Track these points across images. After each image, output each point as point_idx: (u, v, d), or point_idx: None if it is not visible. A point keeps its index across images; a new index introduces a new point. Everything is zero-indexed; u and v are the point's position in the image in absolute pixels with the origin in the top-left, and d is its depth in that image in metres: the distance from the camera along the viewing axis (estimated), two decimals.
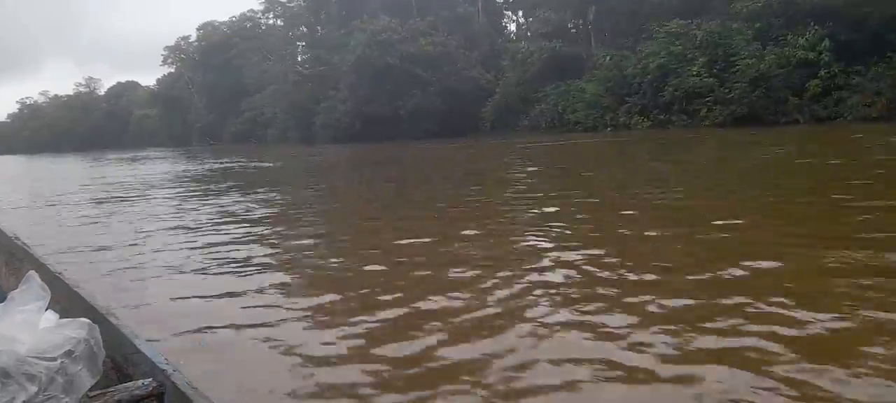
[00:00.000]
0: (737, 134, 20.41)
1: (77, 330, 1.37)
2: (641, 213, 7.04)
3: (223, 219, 8.29)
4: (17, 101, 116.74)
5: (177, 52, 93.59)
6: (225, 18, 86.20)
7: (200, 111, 77.81)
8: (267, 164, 21.37)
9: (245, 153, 34.44)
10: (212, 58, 73.82)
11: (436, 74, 38.60)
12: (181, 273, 5.19)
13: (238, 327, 3.58)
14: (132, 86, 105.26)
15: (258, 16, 75.13)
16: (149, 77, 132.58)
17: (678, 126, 26.84)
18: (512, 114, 37.17)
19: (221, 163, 23.55)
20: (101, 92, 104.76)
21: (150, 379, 1.41)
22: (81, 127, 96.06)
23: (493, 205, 8.61)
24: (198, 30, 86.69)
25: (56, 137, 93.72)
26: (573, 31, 35.00)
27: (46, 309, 1.44)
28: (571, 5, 34.18)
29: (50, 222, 9.31)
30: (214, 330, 3.55)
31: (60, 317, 1.47)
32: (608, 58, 31.76)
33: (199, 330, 3.53)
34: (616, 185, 10.22)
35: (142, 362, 1.49)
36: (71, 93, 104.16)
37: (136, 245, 6.72)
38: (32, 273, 1.53)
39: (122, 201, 11.61)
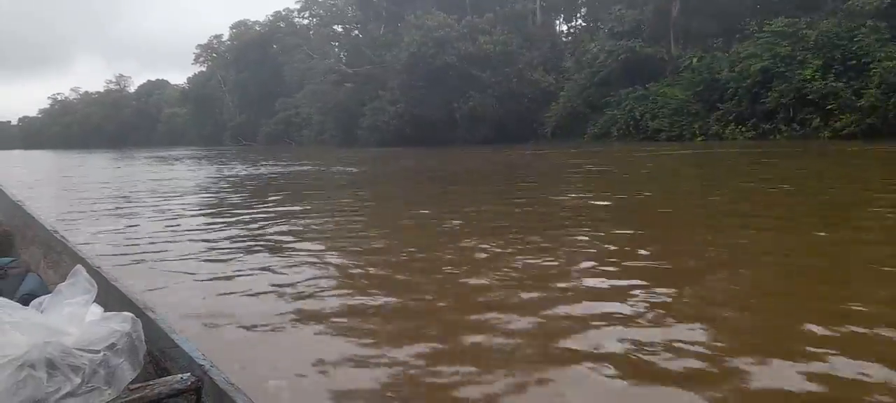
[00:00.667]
0: (871, 148, 17.24)
1: (121, 323, 1.39)
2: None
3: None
4: (48, 97, 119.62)
5: (209, 51, 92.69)
6: (259, 17, 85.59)
7: (232, 111, 76.20)
8: (351, 169, 18.67)
9: (296, 155, 32.02)
10: (245, 56, 72.26)
11: (495, 76, 35.91)
12: None
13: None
14: (162, 84, 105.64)
15: (294, 14, 73.37)
16: (178, 75, 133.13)
17: (786, 137, 23.75)
18: (577, 121, 34.30)
19: (286, 167, 21.01)
20: (132, 89, 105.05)
21: (189, 374, 1.43)
22: (111, 124, 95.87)
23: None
24: (231, 28, 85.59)
25: (86, 133, 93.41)
26: (646, 30, 31.97)
27: (92, 303, 1.43)
28: (652, 1, 31.20)
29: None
30: None
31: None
32: (696, 59, 28.77)
33: None
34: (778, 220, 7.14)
35: (180, 357, 1.51)
36: (101, 89, 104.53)
37: None
38: (80, 267, 1.52)
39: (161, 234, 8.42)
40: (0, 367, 1.20)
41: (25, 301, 1.50)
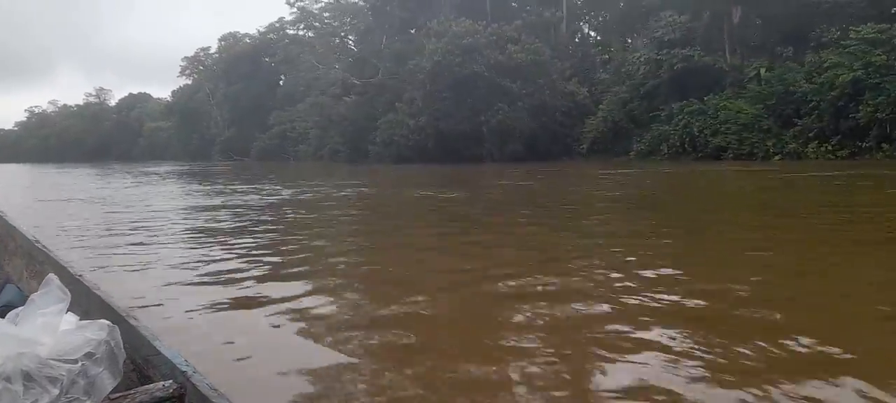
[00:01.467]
0: None
1: (97, 331, 1.37)
2: None
3: None
4: (25, 109, 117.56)
5: (195, 64, 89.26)
6: (247, 30, 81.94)
7: (221, 125, 72.20)
8: (451, 194, 15.01)
9: (299, 173, 28.32)
10: (236, 69, 68.69)
11: (526, 87, 32.75)
12: None
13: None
14: (144, 97, 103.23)
15: (287, 27, 69.90)
16: (160, 89, 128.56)
17: (888, 155, 20.84)
18: (618, 137, 31.24)
19: (291, 190, 17.31)
20: (112, 102, 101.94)
21: (171, 381, 1.40)
22: (91, 137, 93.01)
23: None
24: (220, 40, 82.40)
25: (64, 146, 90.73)
26: (699, 38, 29.11)
27: (66, 311, 1.42)
28: (708, 6, 28.34)
29: None
30: None
31: (81, 319, 1.47)
32: (763, 70, 25.91)
33: None
34: None
35: (162, 364, 1.47)
36: (81, 102, 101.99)
37: None
38: (52, 275, 1.52)
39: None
40: None
41: (3, 312, 1.47)
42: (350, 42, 57.27)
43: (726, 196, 12.56)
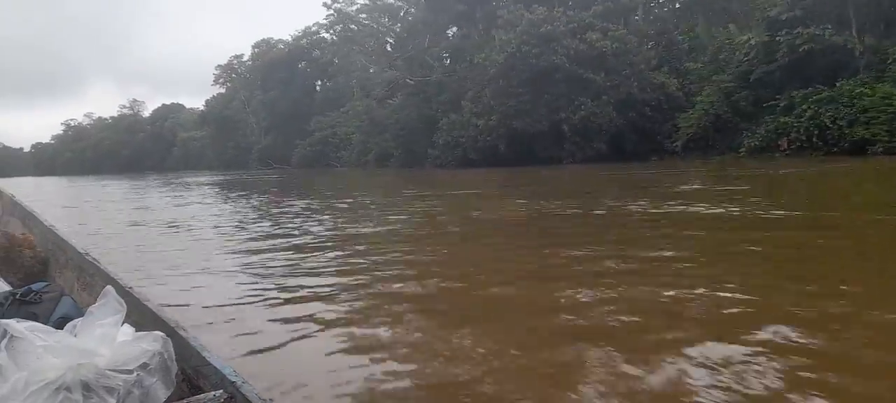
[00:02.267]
0: None
1: (152, 343, 1.40)
2: None
3: None
4: (60, 123, 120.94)
5: (228, 72, 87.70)
6: (282, 35, 79.82)
7: (257, 133, 69.96)
8: (572, 209, 11.89)
9: (355, 182, 25.23)
10: (272, 76, 66.49)
11: (610, 79, 29.17)
12: None
13: None
14: (177, 108, 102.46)
15: (321, 30, 67.28)
16: (192, 99, 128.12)
17: None
18: (720, 132, 27.46)
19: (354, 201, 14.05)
20: (146, 114, 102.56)
21: (221, 391, 1.41)
22: (126, 148, 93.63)
23: None
24: (253, 47, 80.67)
25: (99, 159, 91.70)
26: (818, 16, 25.16)
27: (123, 323, 1.44)
28: None
29: None
30: None
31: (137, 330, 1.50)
32: None
33: None
34: None
35: (211, 374, 1.49)
36: (115, 114, 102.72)
37: None
38: (109, 287, 1.55)
39: None
40: (37, 391, 1.21)
41: (60, 324, 1.51)
42: (389, 42, 54.25)
43: None
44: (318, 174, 38.02)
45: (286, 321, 3.63)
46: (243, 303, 4.12)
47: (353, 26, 63.42)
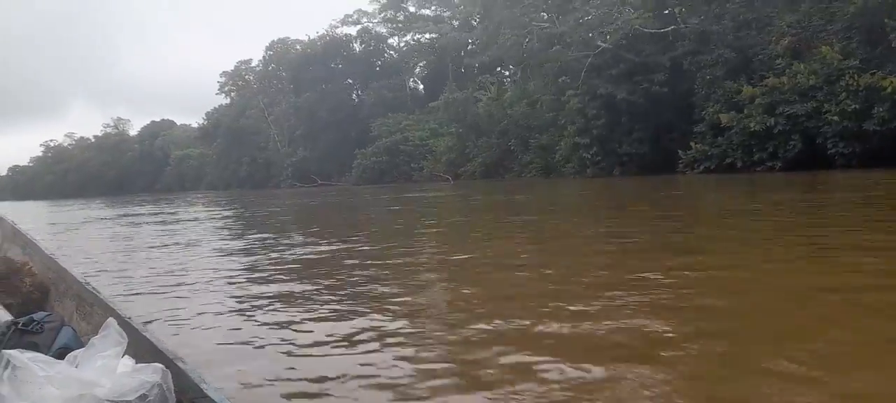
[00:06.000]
0: None
1: (151, 375, 1.43)
2: None
3: None
4: (39, 144, 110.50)
5: (236, 79, 75.75)
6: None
7: (284, 144, 57.94)
8: None
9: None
10: (302, 77, 55.02)
11: None
12: None
13: None
14: (168, 124, 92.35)
15: (360, 19, 56.02)
16: (178, 116, 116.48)
17: None
18: None
19: None
20: (133, 132, 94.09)
21: None
22: (112, 170, 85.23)
23: None
24: (267, 49, 69.23)
25: (83, 181, 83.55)
26: None
27: (123, 355, 1.48)
28: None
29: None
30: None
31: (137, 362, 1.54)
32: None
33: None
34: None
35: None
36: (99, 133, 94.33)
37: None
38: (111, 320, 1.59)
39: None
40: None
41: (61, 354, 1.55)
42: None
43: None
44: (416, 196, 25.54)
45: None
46: None
47: (411, 8, 52.42)
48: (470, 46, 43.18)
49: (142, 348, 1.74)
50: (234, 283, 4.37)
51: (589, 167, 25.10)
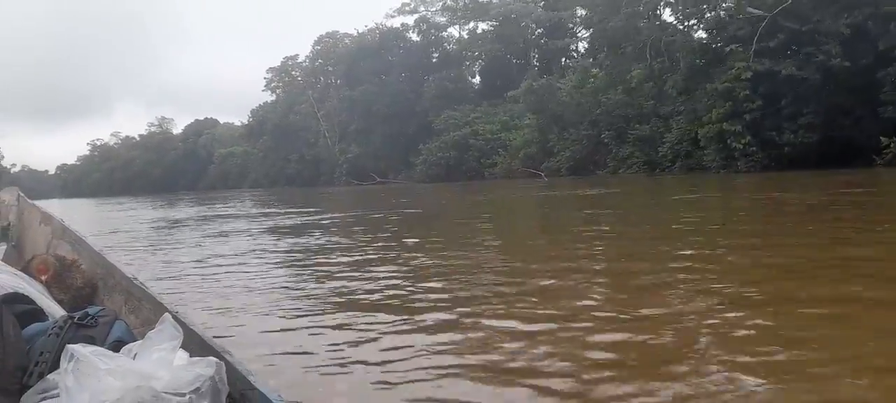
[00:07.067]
0: None
1: (206, 368, 1.45)
2: None
3: None
4: (86, 143, 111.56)
5: (281, 75, 73.58)
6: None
7: (335, 140, 55.27)
8: None
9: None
10: (355, 71, 52.14)
11: None
12: None
13: None
14: (211, 123, 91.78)
15: (418, 7, 52.86)
16: (221, 116, 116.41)
17: None
18: None
19: None
20: (177, 131, 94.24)
21: None
22: (157, 168, 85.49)
23: None
24: (315, 44, 66.80)
25: (129, 179, 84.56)
26: None
27: (179, 348, 1.51)
28: None
29: None
30: None
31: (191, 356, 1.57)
32: None
33: None
34: None
35: (257, 399, 1.55)
36: (144, 132, 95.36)
37: None
38: (167, 314, 1.64)
39: None
40: None
41: (115, 347, 1.59)
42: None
43: None
44: (521, 195, 21.13)
45: None
46: None
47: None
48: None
49: (192, 342, 1.74)
50: None
51: (739, 159, 21.13)
